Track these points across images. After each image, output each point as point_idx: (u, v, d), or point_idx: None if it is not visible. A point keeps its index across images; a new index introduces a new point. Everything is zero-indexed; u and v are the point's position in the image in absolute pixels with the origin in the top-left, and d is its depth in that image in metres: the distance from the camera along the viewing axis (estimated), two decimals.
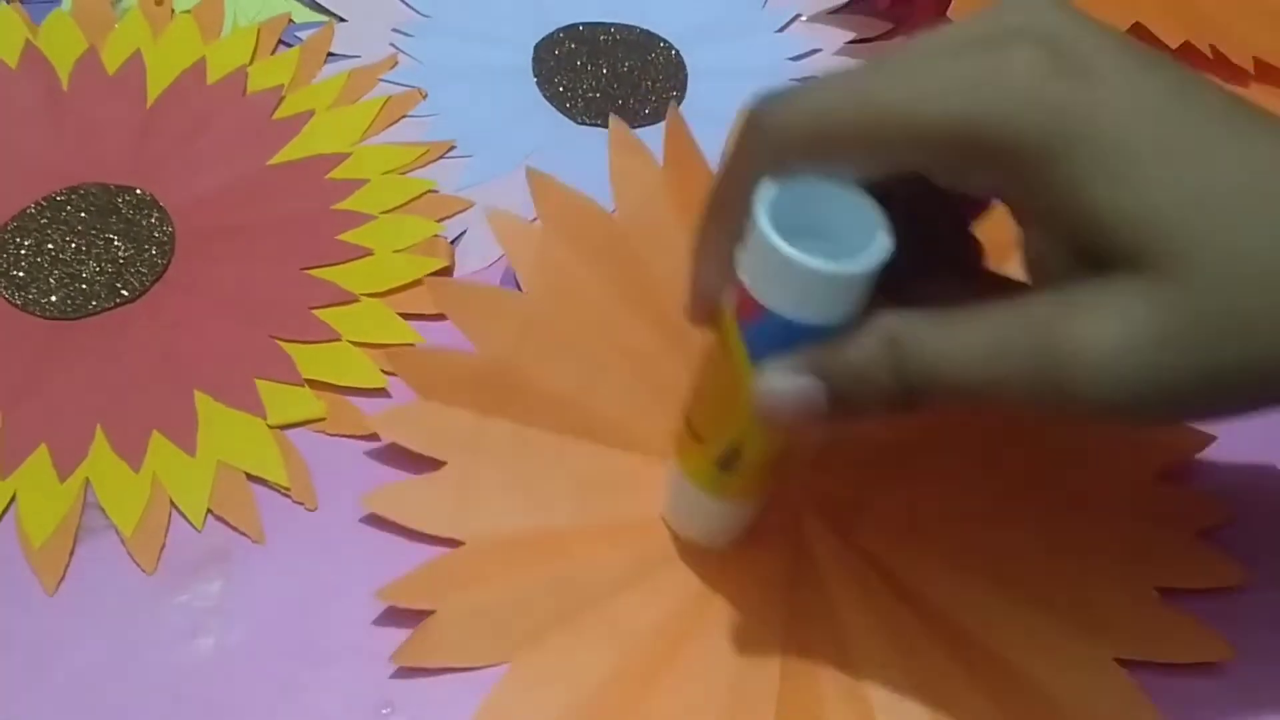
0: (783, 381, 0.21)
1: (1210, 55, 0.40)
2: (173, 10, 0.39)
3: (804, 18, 0.42)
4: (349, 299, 0.32)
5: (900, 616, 0.27)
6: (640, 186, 0.33)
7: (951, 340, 0.21)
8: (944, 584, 0.28)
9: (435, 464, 0.28)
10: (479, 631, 0.26)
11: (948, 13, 0.37)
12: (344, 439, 0.30)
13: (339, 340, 0.31)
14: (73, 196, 0.33)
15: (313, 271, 0.32)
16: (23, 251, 0.32)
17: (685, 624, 0.27)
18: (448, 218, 0.34)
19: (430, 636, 0.26)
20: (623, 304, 0.31)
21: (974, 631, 0.27)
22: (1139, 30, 0.40)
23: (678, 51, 0.40)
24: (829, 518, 0.29)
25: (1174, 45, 0.39)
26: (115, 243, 0.32)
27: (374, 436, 0.29)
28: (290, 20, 0.39)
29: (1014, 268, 0.23)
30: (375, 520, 0.28)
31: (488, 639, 0.26)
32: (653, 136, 0.34)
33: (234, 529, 0.28)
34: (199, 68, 0.37)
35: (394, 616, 0.26)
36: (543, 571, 0.27)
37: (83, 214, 0.33)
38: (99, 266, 0.32)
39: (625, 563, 0.28)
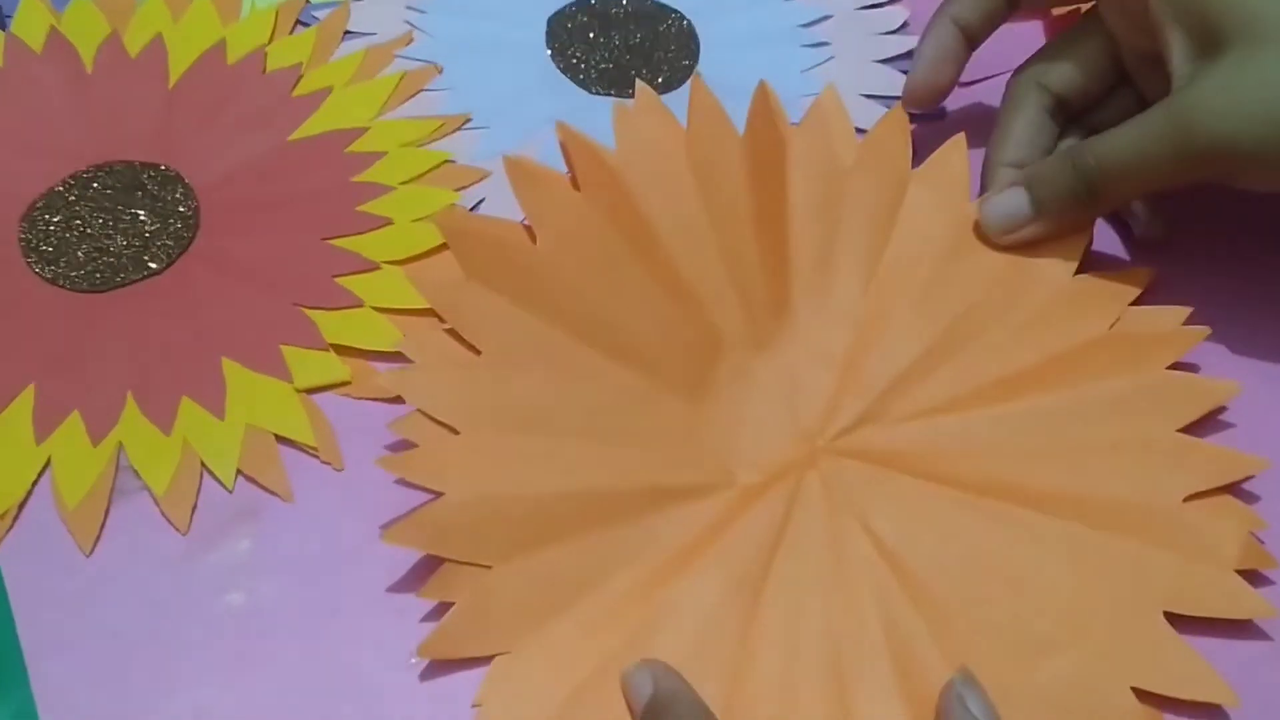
0: (998, 196, 0.32)
1: None
2: None
3: None
4: (370, 267, 0.32)
5: (902, 610, 0.27)
6: (657, 154, 0.33)
7: (1111, 139, 0.30)
8: (953, 580, 0.27)
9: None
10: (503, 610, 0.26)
11: None
12: (368, 402, 0.30)
13: (361, 306, 0.31)
14: (99, 174, 0.34)
15: (334, 241, 0.33)
16: (51, 227, 0.33)
17: (656, 585, 0.27)
18: (465, 187, 0.35)
19: (455, 630, 0.26)
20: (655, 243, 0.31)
21: (973, 640, 0.26)
22: None
23: (689, 22, 0.40)
24: (829, 496, 0.29)
25: None
26: (141, 217, 0.33)
27: (398, 400, 0.30)
28: (307, 1, 0.40)
29: None
30: (401, 479, 0.28)
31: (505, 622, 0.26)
32: (669, 103, 0.35)
33: (263, 489, 0.28)
34: (219, 49, 0.38)
35: (419, 571, 0.27)
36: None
37: (109, 191, 0.34)
38: (126, 240, 0.33)
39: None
